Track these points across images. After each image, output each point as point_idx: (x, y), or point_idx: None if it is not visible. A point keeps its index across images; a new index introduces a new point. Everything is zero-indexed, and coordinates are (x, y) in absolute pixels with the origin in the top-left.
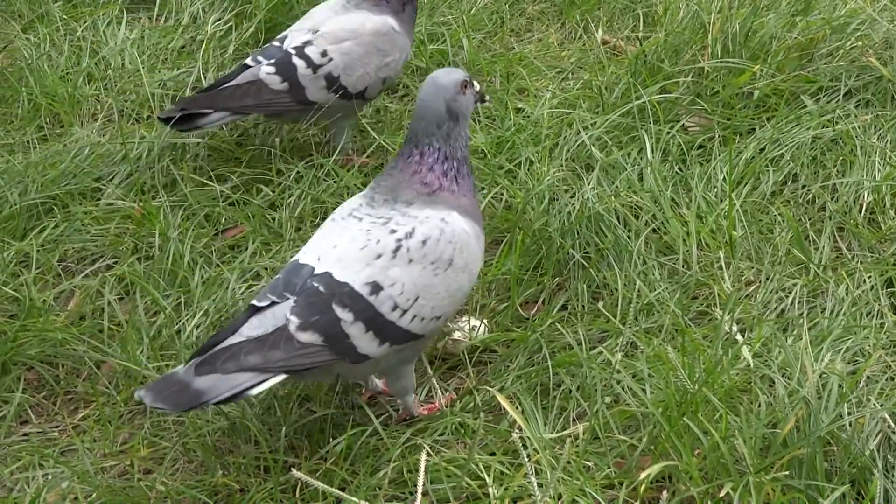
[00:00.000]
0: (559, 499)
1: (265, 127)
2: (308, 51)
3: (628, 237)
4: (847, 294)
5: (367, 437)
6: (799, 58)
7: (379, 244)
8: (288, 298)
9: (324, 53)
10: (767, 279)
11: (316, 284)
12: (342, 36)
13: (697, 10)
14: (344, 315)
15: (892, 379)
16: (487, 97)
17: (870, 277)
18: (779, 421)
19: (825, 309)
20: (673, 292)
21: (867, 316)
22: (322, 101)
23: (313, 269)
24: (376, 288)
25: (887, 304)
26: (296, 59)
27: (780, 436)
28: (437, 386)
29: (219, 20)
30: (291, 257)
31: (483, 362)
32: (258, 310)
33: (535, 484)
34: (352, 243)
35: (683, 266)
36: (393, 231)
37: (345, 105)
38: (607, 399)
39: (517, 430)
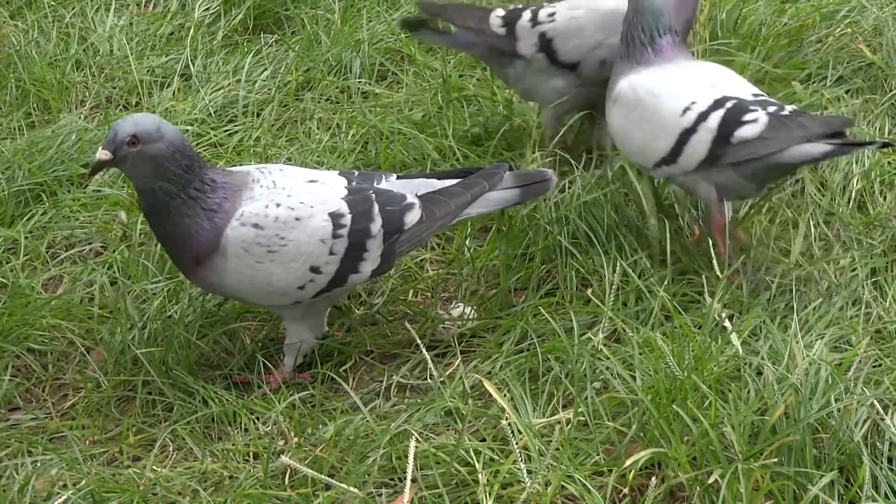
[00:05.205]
0: (548, 485)
1: (253, 110)
2: (541, 10)
3: (617, 224)
4: (835, 281)
5: (356, 424)
6: (788, 44)
7: None
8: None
9: (551, 14)
10: (756, 266)
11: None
12: (578, 4)
13: None
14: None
15: (879, 366)
16: None
17: (859, 265)
18: (768, 408)
19: (812, 297)
20: (662, 279)
21: (854, 304)
22: (529, 57)
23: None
24: None
25: (871, 292)
26: (523, 12)
27: (769, 423)
28: (431, 364)
29: (207, 7)
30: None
31: (472, 348)
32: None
33: (525, 471)
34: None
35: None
36: None
37: (555, 76)
38: (596, 385)
39: (507, 416)
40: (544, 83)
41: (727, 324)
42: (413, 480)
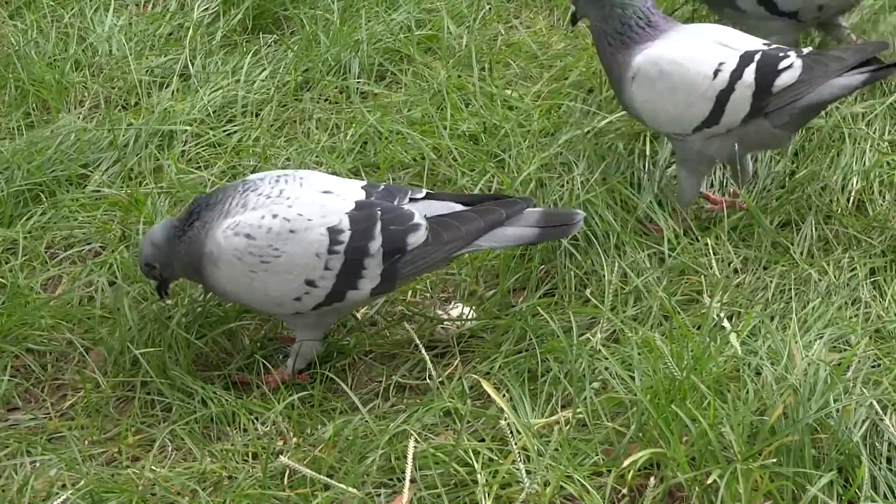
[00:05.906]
0: (547, 485)
1: (252, 110)
2: None
3: (616, 224)
4: (834, 281)
5: (355, 424)
6: None
7: None
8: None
9: None
10: (755, 266)
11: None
12: None
13: None
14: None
15: (878, 366)
16: None
17: (859, 265)
18: (766, 408)
19: (811, 296)
20: (660, 278)
21: (853, 304)
22: (751, 11)
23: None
24: None
25: (870, 292)
26: None
27: (768, 423)
28: (430, 364)
29: (206, 7)
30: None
31: (471, 348)
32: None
33: (523, 471)
34: None
35: (671, 252)
36: None
37: (781, 27)
38: (595, 385)
39: (505, 417)
40: (760, 29)
41: (726, 324)
42: (412, 481)
